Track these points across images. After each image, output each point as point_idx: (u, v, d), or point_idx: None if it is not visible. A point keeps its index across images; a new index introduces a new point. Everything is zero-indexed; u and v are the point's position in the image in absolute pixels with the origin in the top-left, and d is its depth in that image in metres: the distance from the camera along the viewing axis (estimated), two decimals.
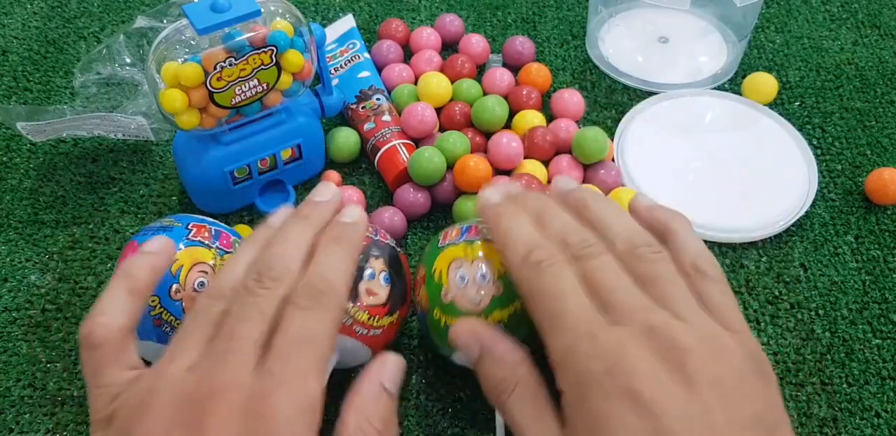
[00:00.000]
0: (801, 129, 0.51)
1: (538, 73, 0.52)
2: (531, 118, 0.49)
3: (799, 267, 0.45)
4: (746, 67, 0.56)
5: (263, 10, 0.39)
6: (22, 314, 0.43)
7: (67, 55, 0.56)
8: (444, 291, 0.35)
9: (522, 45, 0.54)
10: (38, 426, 0.38)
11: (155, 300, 0.36)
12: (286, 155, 0.45)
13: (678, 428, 0.26)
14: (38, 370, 0.40)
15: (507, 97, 0.51)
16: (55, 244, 0.46)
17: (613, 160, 0.49)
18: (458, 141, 0.46)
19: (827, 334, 0.42)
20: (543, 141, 0.47)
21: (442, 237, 0.37)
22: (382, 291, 0.35)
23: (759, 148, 0.50)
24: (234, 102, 0.40)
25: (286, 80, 0.41)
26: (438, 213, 0.47)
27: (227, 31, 0.38)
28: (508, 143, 0.47)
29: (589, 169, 0.47)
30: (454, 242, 0.36)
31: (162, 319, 0.36)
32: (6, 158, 0.50)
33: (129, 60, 0.49)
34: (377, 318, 0.35)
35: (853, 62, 0.56)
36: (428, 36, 0.55)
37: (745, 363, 0.28)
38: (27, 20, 0.58)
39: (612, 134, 0.51)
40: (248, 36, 0.38)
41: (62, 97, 0.53)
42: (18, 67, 0.55)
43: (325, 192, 0.36)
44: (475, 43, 0.54)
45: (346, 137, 0.48)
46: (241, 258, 0.33)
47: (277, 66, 0.40)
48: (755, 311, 0.43)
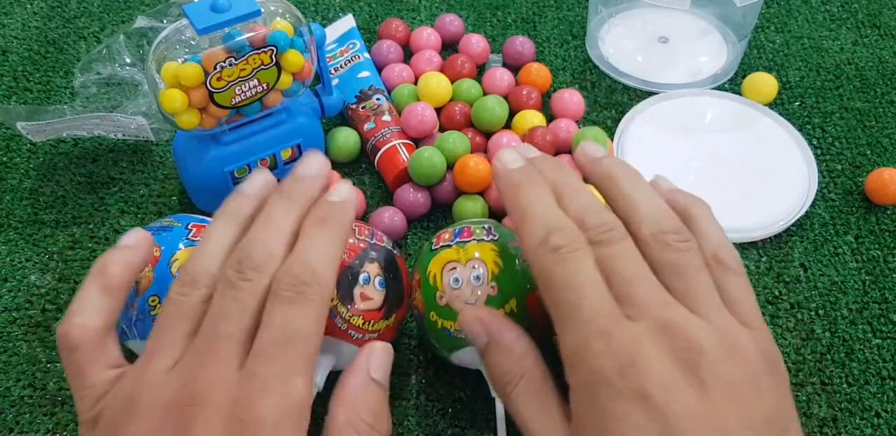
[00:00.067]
0: (801, 129, 0.51)
1: (538, 73, 0.52)
2: (531, 118, 0.49)
3: (799, 267, 0.45)
4: (746, 67, 0.56)
5: (263, 10, 0.39)
6: (22, 314, 0.43)
7: (67, 55, 0.56)
8: (438, 295, 0.35)
9: (522, 45, 0.54)
10: (38, 426, 0.38)
11: (155, 300, 0.36)
12: (286, 155, 0.45)
13: (687, 431, 0.25)
14: (38, 370, 0.40)
15: (507, 97, 0.51)
16: (55, 244, 0.46)
17: None
18: (458, 141, 0.46)
19: (827, 334, 0.42)
20: (543, 141, 0.47)
21: (435, 241, 0.37)
22: (377, 296, 0.35)
23: (759, 148, 0.50)
24: (234, 102, 0.40)
25: (286, 80, 0.41)
26: (438, 213, 0.47)
27: (227, 31, 0.38)
28: (508, 143, 0.47)
29: None
30: (447, 245, 0.36)
31: None
32: (6, 158, 0.50)
33: (129, 60, 0.49)
34: (372, 322, 0.35)
35: (853, 62, 0.56)
36: (428, 36, 0.55)
37: (759, 364, 0.28)
38: (27, 20, 0.58)
39: (612, 134, 0.51)
40: (248, 36, 0.38)
41: (62, 97, 0.53)
42: (18, 67, 0.55)
43: (311, 164, 0.33)
44: (475, 43, 0.54)
45: (346, 137, 0.48)
46: (215, 237, 0.31)
47: (277, 66, 0.40)
48: None
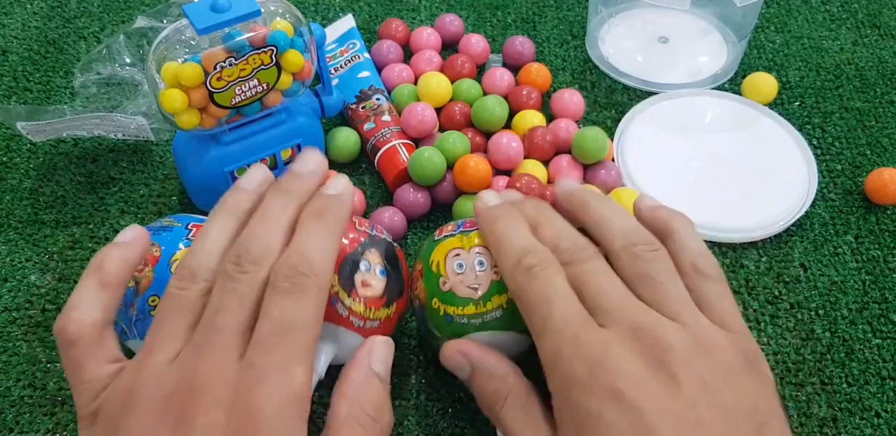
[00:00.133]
0: (801, 129, 0.51)
1: (538, 73, 0.52)
2: (531, 118, 0.49)
3: (799, 267, 0.45)
4: (746, 67, 0.56)
5: (263, 10, 0.39)
6: (22, 314, 0.43)
7: (67, 55, 0.56)
8: (442, 281, 0.35)
9: (522, 45, 0.54)
10: (38, 426, 0.38)
11: (155, 300, 0.36)
12: (286, 155, 0.45)
13: (661, 425, 0.26)
14: (38, 370, 0.40)
15: (507, 97, 0.51)
16: (55, 244, 0.46)
17: (613, 160, 0.49)
18: (458, 141, 0.46)
19: (827, 334, 0.42)
20: (543, 141, 0.47)
21: (437, 232, 0.38)
22: (378, 284, 0.35)
23: (759, 148, 0.50)
24: (234, 102, 0.40)
25: (286, 80, 0.41)
26: (438, 213, 0.47)
27: (227, 31, 0.38)
28: (508, 143, 0.47)
29: (589, 169, 0.47)
30: (451, 235, 0.37)
31: None
32: (6, 158, 0.50)
33: (129, 60, 0.49)
34: (374, 310, 0.35)
35: (853, 62, 0.56)
36: (428, 36, 0.55)
37: (735, 361, 0.28)
38: (27, 20, 0.58)
39: (612, 134, 0.51)
40: (248, 36, 0.38)
41: (62, 97, 0.53)
42: (18, 67, 0.55)
43: (308, 161, 0.34)
44: (475, 43, 0.54)
45: (346, 137, 0.48)
46: (213, 232, 0.31)
47: (277, 66, 0.40)
48: (755, 311, 0.43)
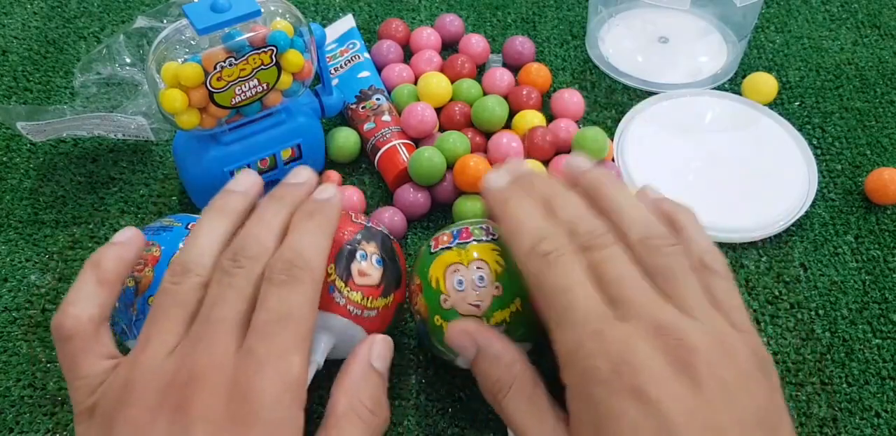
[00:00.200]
0: (801, 129, 0.51)
1: (538, 73, 0.52)
2: (531, 118, 0.49)
3: (799, 267, 0.45)
4: (746, 67, 0.56)
5: (263, 10, 0.39)
6: (22, 314, 0.43)
7: (67, 55, 0.56)
8: (442, 299, 0.35)
9: (522, 45, 0.54)
10: (38, 426, 0.38)
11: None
12: (286, 155, 0.45)
13: (683, 427, 0.26)
14: (38, 370, 0.40)
15: (507, 97, 0.51)
16: (55, 244, 0.46)
17: (613, 160, 0.49)
18: (458, 141, 0.46)
19: (827, 334, 0.42)
20: (543, 141, 0.47)
21: (433, 243, 0.37)
22: (375, 273, 0.35)
23: (759, 148, 0.50)
24: (234, 102, 0.40)
25: (286, 80, 0.41)
26: (438, 213, 0.47)
27: (227, 31, 0.38)
28: (508, 143, 0.47)
29: None
30: (447, 247, 0.36)
31: None
32: (6, 158, 0.50)
33: (129, 60, 0.49)
34: (371, 299, 0.35)
35: (853, 62, 0.56)
36: (428, 36, 0.55)
37: (750, 364, 0.28)
38: (27, 20, 0.58)
39: (612, 134, 0.51)
40: (248, 36, 0.38)
41: (62, 97, 0.53)
42: (18, 67, 0.55)
43: (299, 174, 0.35)
44: (475, 43, 0.54)
45: (346, 137, 0.48)
46: (204, 230, 0.32)
47: (277, 66, 0.40)
48: (755, 311, 0.43)
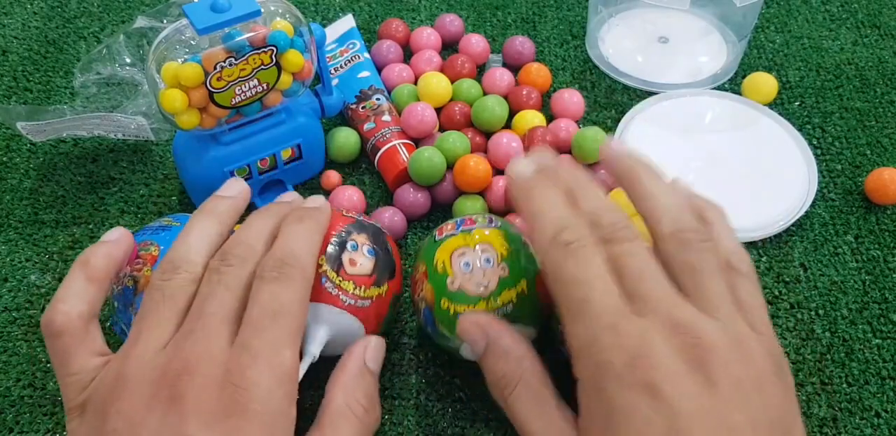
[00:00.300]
0: (801, 129, 0.51)
1: (538, 73, 0.52)
2: (531, 118, 0.49)
3: (799, 267, 0.45)
4: (746, 67, 0.56)
5: (263, 10, 0.39)
6: (22, 314, 0.43)
7: (67, 55, 0.56)
8: (449, 281, 0.35)
9: (522, 45, 0.54)
10: (38, 426, 0.38)
11: None
12: (286, 155, 0.45)
13: (695, 426, 0.25)
14: (38, 370, 0.40)
15: (507, 97, 0.51)
16: (55, 244, 0.46)
17: None
18: (458, 141, 0.46)
19: (827, 334, 0.42)
20: (543, 141, 0.47)
21: (437, 233, 0.38)
22: (367, 262, 0.35)
23: (759, 148, 0.50)
24: (234, 102, 0.40)
25: (286, 80, 0.41)
26: (438, 213, 0.47)
27: (227, 31, 0.38)
28: (508, 143, 0.47)
29: (589, 169, 0.47)
30: (452, 234, 0.37)
31: None
32: (6, 158, 0.50)
33: (129, 60, 0.49)
34: (363, 288, 0.35)
35: (853, 62, 0.56)
36: (428, 36, 0.55)
37: (766, 366, 0.28)
38: (27, 20, 0.58)
39: (612, 134, 0.51)
40: (248, 36, 0.38)
41: (62, 97, 0.53)
42: (18, 67, 0.55)
43: (287, 197, 0.37)
44: (475, 43, 0.54)
45: (346, 137, 0.48)
46: (194, 230, 0.33)
47: (277, 66, 0.40)
48: None
